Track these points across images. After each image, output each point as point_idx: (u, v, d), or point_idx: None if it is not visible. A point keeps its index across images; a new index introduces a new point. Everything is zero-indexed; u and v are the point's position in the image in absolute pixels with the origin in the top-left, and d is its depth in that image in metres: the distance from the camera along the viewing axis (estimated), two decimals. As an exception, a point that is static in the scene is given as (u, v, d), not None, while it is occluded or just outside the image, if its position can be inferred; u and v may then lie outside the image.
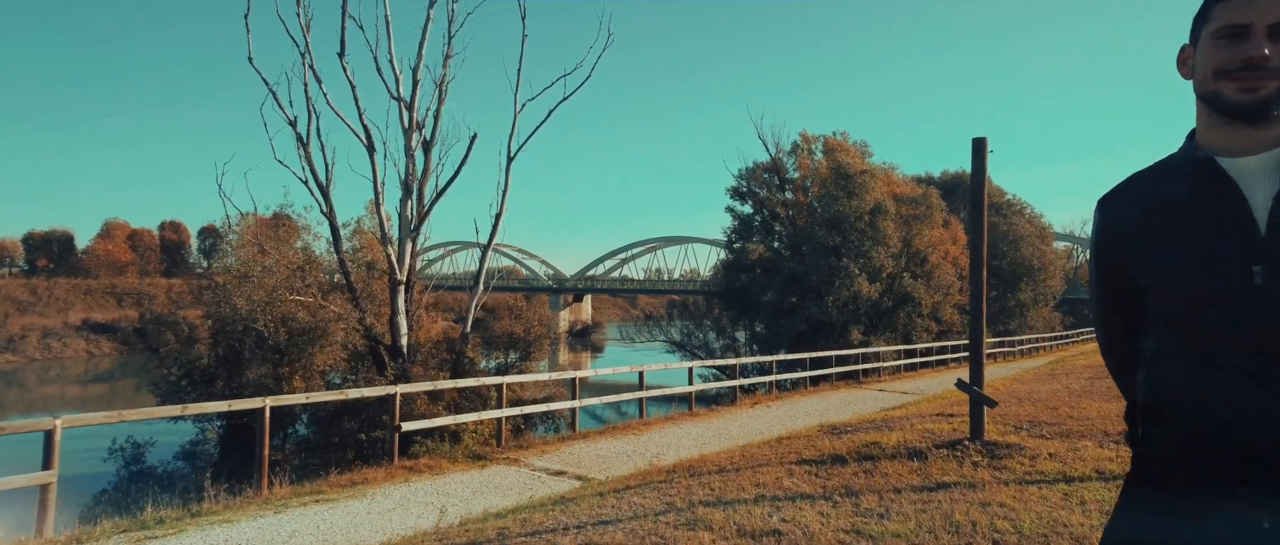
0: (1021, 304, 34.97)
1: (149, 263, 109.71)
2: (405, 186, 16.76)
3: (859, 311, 29.78)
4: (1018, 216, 36.73)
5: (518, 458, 8.79)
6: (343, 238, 17.72)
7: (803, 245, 30.42)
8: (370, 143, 15.84)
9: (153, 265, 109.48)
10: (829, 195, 30.09)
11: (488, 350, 18.35)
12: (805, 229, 30.47)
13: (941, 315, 30.83)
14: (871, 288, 29.20)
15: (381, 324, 17.02)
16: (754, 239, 32.97)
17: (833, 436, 8.60)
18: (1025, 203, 38.46)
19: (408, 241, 16.71)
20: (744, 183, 33.75)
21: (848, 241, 29.59)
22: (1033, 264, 34.65)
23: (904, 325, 30.68)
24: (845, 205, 29.67)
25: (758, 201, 33.52)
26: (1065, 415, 9.24)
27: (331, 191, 17.04)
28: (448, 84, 17.94)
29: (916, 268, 30.95)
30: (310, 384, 14.15)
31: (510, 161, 17.96)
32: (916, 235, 31.00)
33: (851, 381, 22.03)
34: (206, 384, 15.04)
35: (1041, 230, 37.95)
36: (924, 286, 29.91)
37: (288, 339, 14.29)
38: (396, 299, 16.32)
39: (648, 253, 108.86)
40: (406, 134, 16.56)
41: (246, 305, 14.00)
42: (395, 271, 16.23)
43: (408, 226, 16.79)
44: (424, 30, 16.73)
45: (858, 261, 29.35)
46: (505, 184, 17.92)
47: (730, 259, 34.76)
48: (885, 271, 29.68)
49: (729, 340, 37.52)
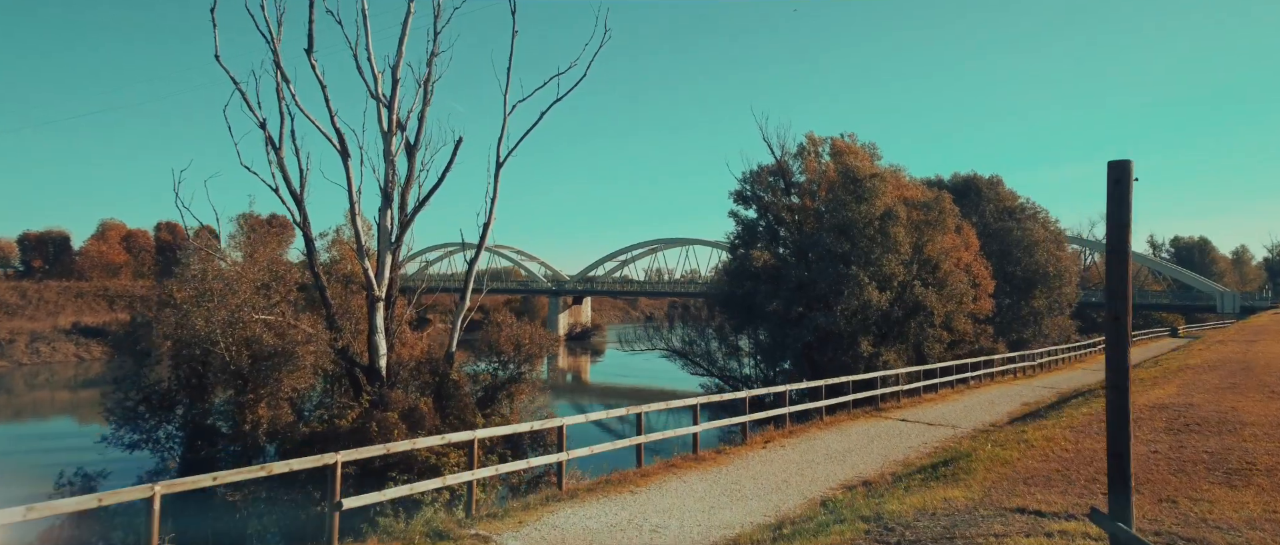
0: (1035, 312, 33.68)
1: (144, 264, 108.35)
2: (385, 194, 15.48)
3: (868, 321, 28.49)
4: (1032, 221, 35.42)
5: (489, 535, 7.35)
6: (319, 249, 16.44)
7: (810, 252, 29.13)
8: (343, 147, 14.55)
9: (147, 267, 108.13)
10: (837, 200, 28.80)
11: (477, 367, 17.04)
12: (812, 235, 29.18)
13: (954, 325, 29.52)
14: (882, 297, 27.91)
15: (361, 342, 15.74)
16: (758, 245, 31.67)
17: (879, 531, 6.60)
18: (1039, 206, 37.33)
19: (387, 254, 15.43)
20: (748, 186, 32.46)
21: (857, 248, 28.30)
22: (1047, 270, 33.34)
23: (915, 335, 29.39)
24: (854, 211, 28.39)
25: (762, 206, 32.23)
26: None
27: (306, 199, 15.79)
28: (433, 84, 16.70)
29: (928, 276, 29.65)
30: (277, 411, 12.86)
31: (499, 167, 16.70)
32: (928, 241, 29.70)
33: (870, 408, 20.60)
34: (166, 409, 13.77)
35: (1056, 235, 36.64)
36: (936, 295, 28.60)
37: (251, 364, 13.01)
38: (374, 316, 15.03)
39: (648, 254, 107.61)
40: (385, 137, 15.28)
41: (205, 326, 12.72)
42: (372, 287, 14.94)
43: (387, 238, 15.51)
44: (405, 25, 15.46)
45: (867, 269, 28.06)
46: (493, 192, 16.66)
47: (733, 265, 33.47)
48: (896, 280, 28.39)
49: (732, 348, 36.27)
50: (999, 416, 18.01)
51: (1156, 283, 75.83)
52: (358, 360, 15.04)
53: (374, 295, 14.91)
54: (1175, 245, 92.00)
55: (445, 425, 14.28)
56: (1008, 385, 26.33)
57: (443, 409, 14.62)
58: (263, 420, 12.68)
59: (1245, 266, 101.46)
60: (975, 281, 30.41)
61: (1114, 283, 4.49)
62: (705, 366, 35.91)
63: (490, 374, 16.40)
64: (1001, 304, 31.98)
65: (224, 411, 13.06)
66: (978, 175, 37.00)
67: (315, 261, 15.67)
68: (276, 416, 12.75)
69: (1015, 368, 29.37)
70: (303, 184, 15.88)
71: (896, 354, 28.48)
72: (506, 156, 16.66)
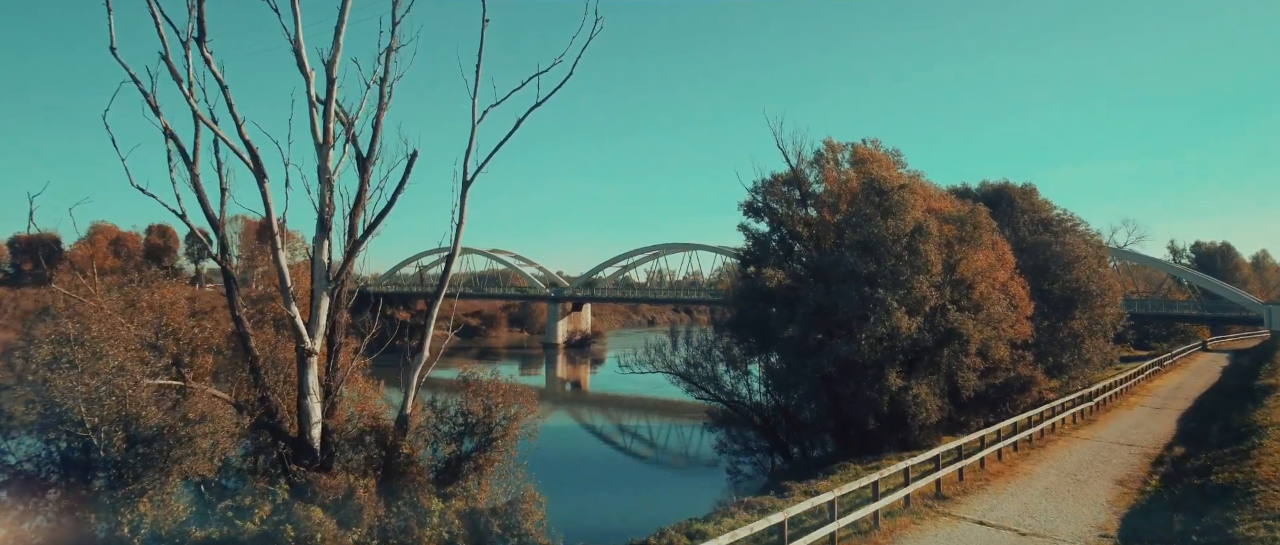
0: (1075, 335, 30.60)
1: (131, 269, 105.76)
2: (320, 222, 12.43)
3: (895, 350, 25.41)
4: (1071, 234, 32.37)
5: None
6: (239, 284, 13.41)
7: (830, 272, 26.03)
8: (257, 164, 11.50)
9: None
10: (860, 214, 25.72)
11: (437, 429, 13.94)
12: (833, 253, 26.09)
13: (991, 353, 26.42)
14: (911, 323, 24.83)
15: (292, 403, 12.70)
16: (771, 262, 28.60)
17: None
18: (1077, 217, 34.16)
19: (324, 296, 12.36)
20: (759, 197, 29.39)
21: (883, 268, 25.21)
22: (1089, 288, 30.29)
23: (948, 365, 26.29)
24: (880, 226, 25.30)
25: (775, 219, 29.15)
26: None
27: (227, 226, 12.77)
28: (392, 85, 13.66)
29: (962, 298, 26.56)
30: (162, 511, 9.80)
31: (466, 187, 13.67)
32: (961, 259, 26.62)
33: (927, 483, 16.36)
34: (35, 494, 10.74)
35: (1097, 249, 33.57)
36: (972, 320, 25.50)
37: (127, 448, 9.96)
38: (306, 374, 11.99)
39: (650, 259, 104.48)
40: (320, 149, 12.23)
41: (64, 397, 9.66)
42: (303, 337, 11.89)
43: (323, 275, 12.45)
44: (342, 11, 12.40)
45: (895, 292, 24.97)
46: (460, 216, 13.65)
47: (743, 285, 30.40)
48: (928, 304, 25.29)
49: (741, 373, 33.23)
50: (1103, 515, 14.25)
51: (1180, 291, 72.59)
52: (284, 430, 12.01)
53: (304, 348, 11.86)
54: (1196, 251, 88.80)
55: (392, 515, 11.25)
56: (1074, 439, 22.14)
57: (390, 492, 11.61)
58: (146, 520, 9.68)
59: (1266, 272, 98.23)
60: (1014, 303, 27.31)
61: None
62: (711, 391, 32.89)
63: (455, 437, 13.35)
64: (1038, 326, 28.87)
65: (107, 505, 10.11)
66: (1010, 184, 33.93)
67: (237, 303, 12.63)
68: (161, 518, 9.76)
69: (1071, 413, 24.74)
70: (223, 206, 12.87)
71: (928, 387, 25.40)
72: (475, 174, 13.64)
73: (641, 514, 33.66)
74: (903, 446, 26.66)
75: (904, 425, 26.31)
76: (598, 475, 38.08)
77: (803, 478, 26.65)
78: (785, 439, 32.20)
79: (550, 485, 34.01)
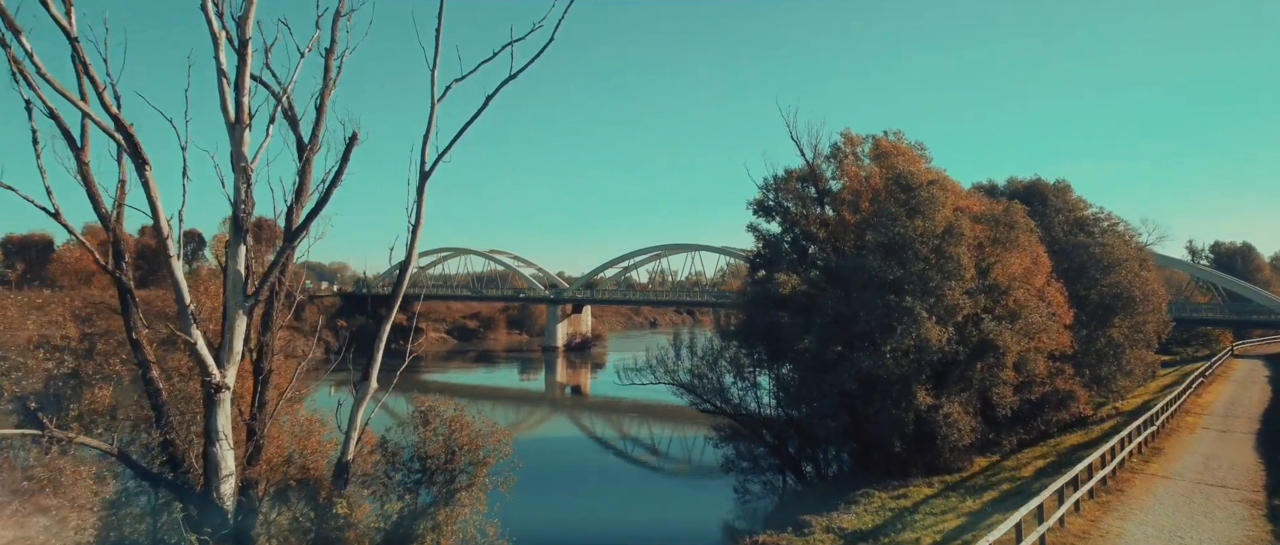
0: (1114, 344, 28.01)
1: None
2: (234, 221, 9.92)
3: (922, 364, 22.86)
4: (1111, 235, 29.75)
5: None
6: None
7: (850, 277, 23.50)
8: (131, 146, 8.95)
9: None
10: (884, 213, 23.18)
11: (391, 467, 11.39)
12: (854, 257, 23.55)
13: (1029, 366, 23.85)
14: (942, 334, 22.29)
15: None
16: (783, 266, 26.06)
17: None
18: (1115, 216, 31.47)
19: (238, 316, 9.85)
20: (771, 195, 26.86)
21: (910, 274, 22.67)
22: (1132, 294, 27.69)
23: (981, 381, 23.72)
24: (906, 226, 22.77)
25: (788, 219, 26.63)
26: None
27: (123, 224, 10.28)
28: (342, 59, 11.17)
29: (995, 305, 24.01)
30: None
31: (424, 178, 11.14)
32: (995, 263, 24.06)
33: None
34: None
35: (1140, 253, 30.94)
36: (1009, 330, 22.93)
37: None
38: (213, 416, 9.48)
39: (652, 260, 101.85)
40: (232, 131, 9.72)
41: None
42: (209, 369, 9.37)
43: (238, 289, 9.93)
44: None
45: (924, 300, 22.43)
46: (417, 213, 11.11)
47: (752, 291, 27.90)
48: (960, 312, 22.73)
49: (749, 383, 30.73)
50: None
51: (1202, 293, 69.84)
52: (188, 487, 9.49)
53: (212, 383, 9.34)
54: (1216, 251, 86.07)
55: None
56: (1151, 478, 17.19)
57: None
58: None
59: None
60: (1053, 312, 24.74)
61: None
62: (716, 404, 30.38)
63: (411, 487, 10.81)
64: (1075, 335, 26.27)
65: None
66: (1041, 180, 31.31)
67: (136, 323, 10.12)
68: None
69: (1129, 446, 20.10)
70: (120, 201, 10.37)
71: (960, 405, 22.85)
72: (435, 162, 11.11)
73: (646, 530, 31.54)
74: (930, 469, 24.13)
75: (932, 446, 23.78)
76: (599, 487, 36.28)
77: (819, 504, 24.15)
78: (797, 456, 29.77)
79: (550, 498, 31.50)
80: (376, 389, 10.85)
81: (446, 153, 11.20)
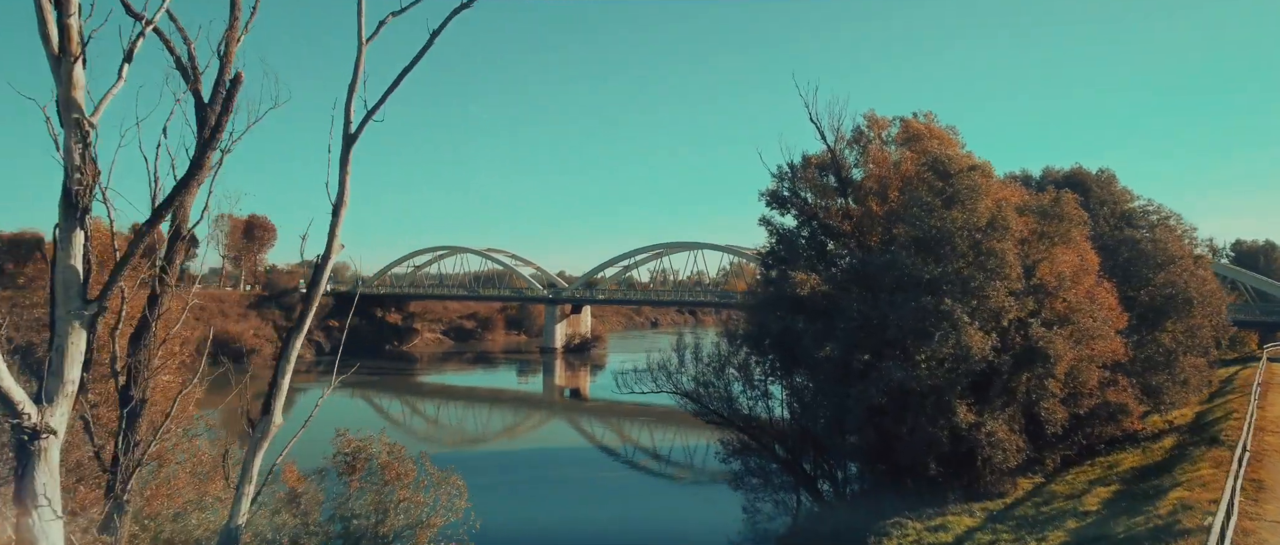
0: (1166, 351, 25.16)
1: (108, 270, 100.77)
2: (65, 195, 7.02)
3: (961, 374, 20.03)
4: (1163, 229, 26.88)
5: None
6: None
7: (879, 277, 20.68)
8: None
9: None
10: (917, 203, 20.35)
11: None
12: (883, 254, 20.73)
13: (1081, 377, 21.02)
14: (985, 341, 19.48)
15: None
16: (800, 264, 23.26)
17: None
18: (1165, 209, 28.59)
19: (72, 328, 6.95)
20: (786, 184, 24.05)
21: (948, 272, 19.85)
22: (1189, 295, 24.84)
23: (1026, 394, 20.91)
24: (943, 218, 19.95)
25: (806, 211, 23.81)
26: None
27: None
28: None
29: (1043, 308, 21.18)
30: None
31: (350, 141, 8.30)
32: (1042, 260, 21.23)
33: None
34: None
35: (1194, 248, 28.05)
36: (1061, 337, 20.09)
37: None
38: (28, 473, 6.61)
39: (654, 258, 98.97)
40: (56, 64, 6.81)
41: None
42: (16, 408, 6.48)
43: (74, 291, 7.02)
44: None
45: (965, 302, 19.61)
46: (340, 187, 8.28)
47: (765, 292, 25.12)
48: (1007, 315, 19.90)
49: (760, 393, 28.02)
50: None
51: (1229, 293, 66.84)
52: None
53: (23, 427, 6.49)
54: (1237, 249, 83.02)
55: None
56: (1266, 527, 12.33)
57: None
58: None
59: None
60: (1103, 315, 21.90)
61: None
62: (724, 416, 27.70)
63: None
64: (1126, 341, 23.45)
65: None
66: (1083, 169, 28.40)
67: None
68: None
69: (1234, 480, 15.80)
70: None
71: (1005, 423, 20.03)
72: (363, 123, 8.26)
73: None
74: (969, 494, 21.35)
75: (970, 468, 20.98)
76: (597, 499, 34.37)
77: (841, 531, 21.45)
78: (813, 472, 27.06)
79: (543, 510, 28.88)
80: (276, 426, 8.03)
81: (378, 109, 8.35)
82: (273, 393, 8.13)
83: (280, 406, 8.08)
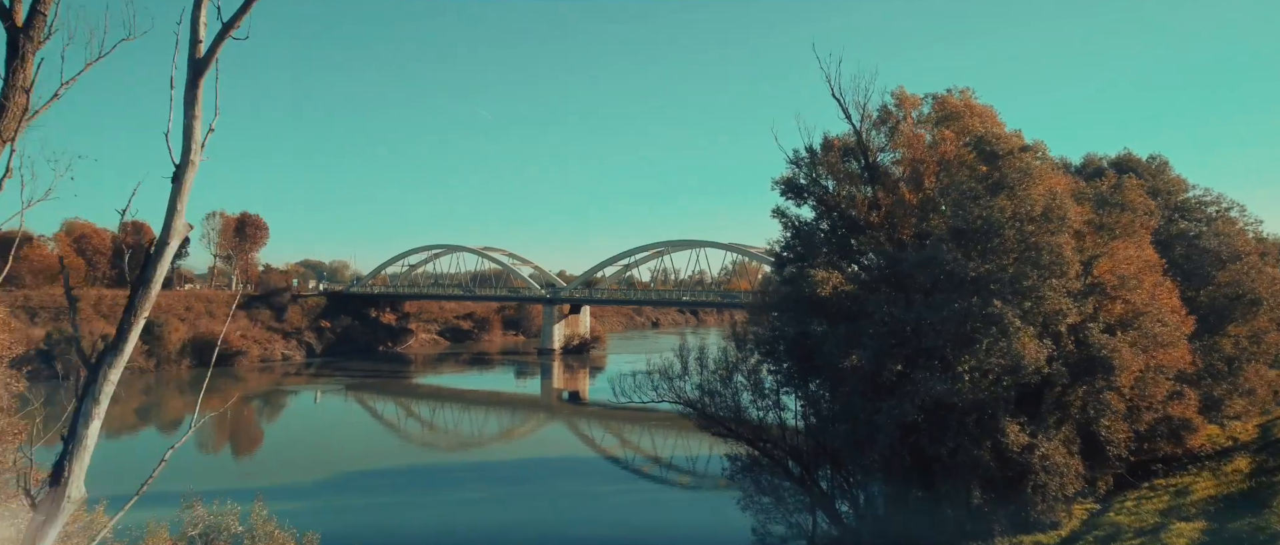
0: (1227, 358, 22.41)
1: (98, 268, 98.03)
2: None
3: (1008, 386, 17.27)
4: (1224, 221, 24.05)
5: None
6: None
7: (914, 275, 17.92)
8: None
9: (102, 271, 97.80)
10: (958, 190, 17.59)
11: None
12: (920, 249, 17.96)
13: (1147, 389, 18.24)
14: (1040, 349, 16.70)
15: None
16: (820, 260, 20.48)
17: None
18: (1225, 198, 25.33)
19: None
20: (803, 171, 21.26)
21: (997, 270, 17.09)
22: (1256, 294, 22.02)
23: (1082, 409, 18.13)
24: (989, 208, 17.18)
25: (826, 201, 21.03)
26: None
27: None
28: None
29: (1102, 311, 18.40)
30: None
31: (200, 69, 5.42)
32: (1102, 255, 18.45)
33: None
34: None
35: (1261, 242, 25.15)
36: (1126, 344, 17.30)
37: None
38: None
39: (654, 257, 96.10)
40: None
41: None
42: None
43: None
44: None
45: (1016, 304, 16.84)
46: (186, 139, 5.44)
47: (779, 292, 22.35)
48: (1065, 319, 17.12)
49: (771, 402, 25.32)
50: None
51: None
52: None
53: None
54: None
55: None
56: None
57: None
58: None
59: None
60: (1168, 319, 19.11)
61: None
62: (731, 427, 24.99)
63: None
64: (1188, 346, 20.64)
65: None
66: (1132, 155, 25.49)
67: None
68: None
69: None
70: None
71: (1061, 443, 17.26)
72: (217, 43, 5.47)
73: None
74: (1016, 523, 18.64)
75: (1018, 494, 18.26)
76: (599, 507, 33.06)
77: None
78: (831, 492, 24.41)
79: (539, 519, 26.40)
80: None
81: (238, 22, 5.52)
82: (67, 453, 5.31)
83: (80, 475, 5.26)
